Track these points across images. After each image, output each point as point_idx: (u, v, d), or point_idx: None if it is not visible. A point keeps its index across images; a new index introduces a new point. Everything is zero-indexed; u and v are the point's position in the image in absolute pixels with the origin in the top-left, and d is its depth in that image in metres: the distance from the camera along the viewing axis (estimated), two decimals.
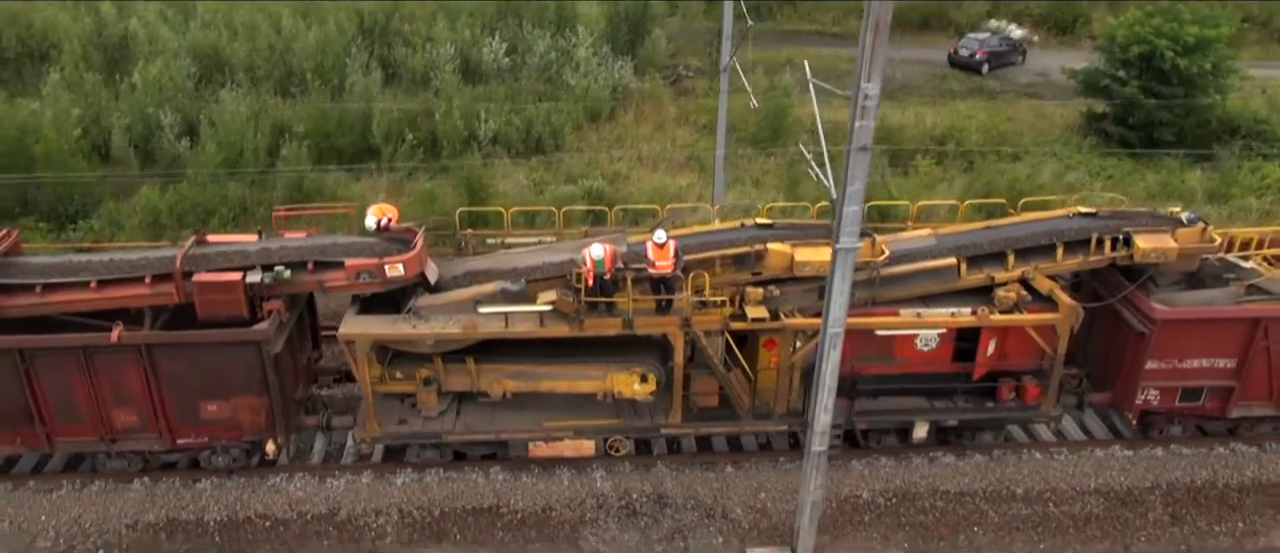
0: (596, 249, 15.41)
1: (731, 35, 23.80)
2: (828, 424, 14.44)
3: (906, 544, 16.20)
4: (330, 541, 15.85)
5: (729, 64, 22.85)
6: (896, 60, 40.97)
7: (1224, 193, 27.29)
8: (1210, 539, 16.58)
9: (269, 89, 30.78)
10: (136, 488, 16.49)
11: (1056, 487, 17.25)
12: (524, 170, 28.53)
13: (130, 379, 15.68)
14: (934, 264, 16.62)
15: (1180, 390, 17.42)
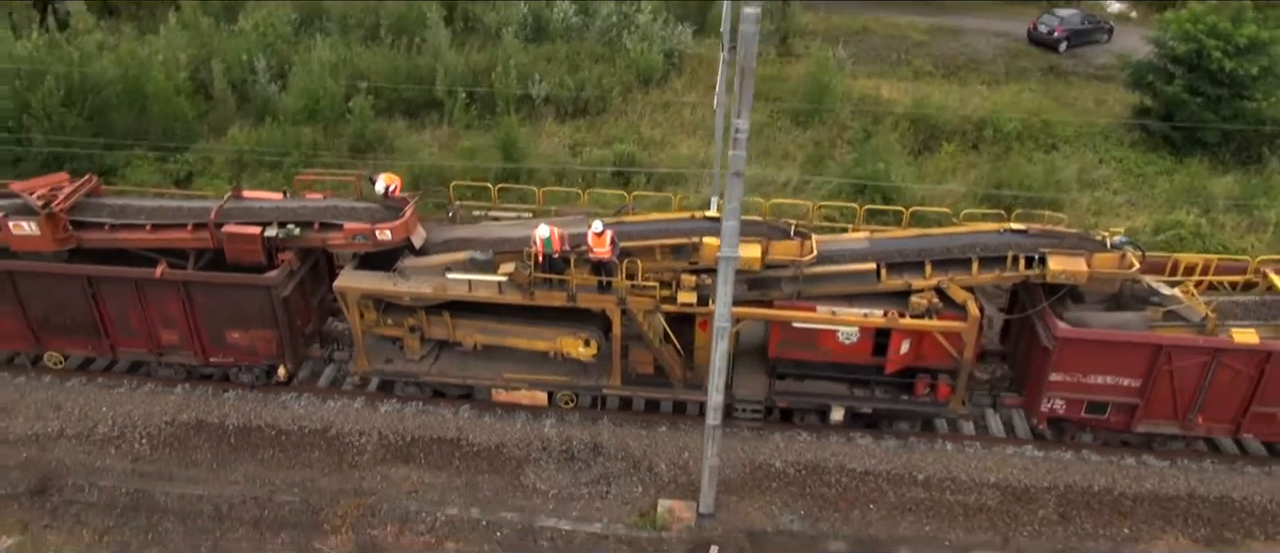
0: (543, 230, 17.92)
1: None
2: (720, 403, 16.72)
3: (803, 512, 18.36)
4: (320, 452, 19.25)
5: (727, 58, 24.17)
6: (970, 32, 41.08)
7: (1250, 202, 27.17)
8: (1090, 541, 18.03)
9: (358, 38, 34.10)
10: (177, 393, 20.29)
11: (957, 477, 18.95)
12: (569, 130, 31.00)
13: (172, 307, 19.33)
14: (855, 268, 18.34)
15: (1085, 403, 18.70)
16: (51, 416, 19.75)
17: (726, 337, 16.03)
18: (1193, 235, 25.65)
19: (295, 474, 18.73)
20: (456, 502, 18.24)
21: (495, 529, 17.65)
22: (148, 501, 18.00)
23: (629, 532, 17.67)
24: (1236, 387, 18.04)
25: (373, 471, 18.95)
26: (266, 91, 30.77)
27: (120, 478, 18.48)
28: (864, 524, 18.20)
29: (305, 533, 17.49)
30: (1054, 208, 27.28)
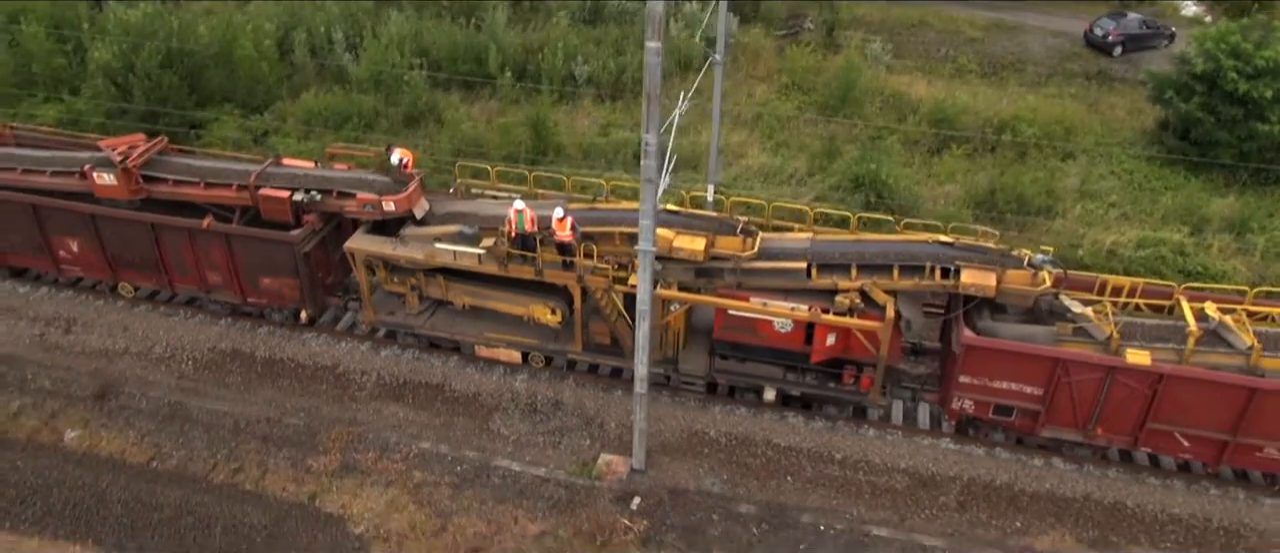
0: (518, 205, 20.73)
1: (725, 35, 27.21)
2: (645, 376, 19.31)
3: (725, 476, 20.83)
4: (327, 385, 22.76)
5: (726, 58, 26.02)
6: (1030, 30, 41.44)
7: (1244, 224, 27.69)
8: (980, 529, 19.92)
9: (431, 13, 37.32)
10: (220, 324, 24.11)
11: (872, 460, 21.05)
12: (605, 112, 33.57)
13: (216, 253, 23.04)
14: (788, 266, 20.50)
15: (992, 405, 20.46)
16: (119, 334, 23.86)
17: (648, 318, 18.57)
18: (1174, 254, 26.46)
19: (304, 402, 22.27)
20: (430, 438, 21.44)
21: (457, 464, 20.78)
22: (183, 412, 21.84)
23: (568, 478, 20.53)
24: (1132, 403, 19.51)
25: (368, 405, 22.34)
26: (341, 60, 34.37)
27: (165, 391, 22.38)
28: (777, 493, 20.54)
29: (303, 451, 20.98)
30: (1046, 217, 28.61)
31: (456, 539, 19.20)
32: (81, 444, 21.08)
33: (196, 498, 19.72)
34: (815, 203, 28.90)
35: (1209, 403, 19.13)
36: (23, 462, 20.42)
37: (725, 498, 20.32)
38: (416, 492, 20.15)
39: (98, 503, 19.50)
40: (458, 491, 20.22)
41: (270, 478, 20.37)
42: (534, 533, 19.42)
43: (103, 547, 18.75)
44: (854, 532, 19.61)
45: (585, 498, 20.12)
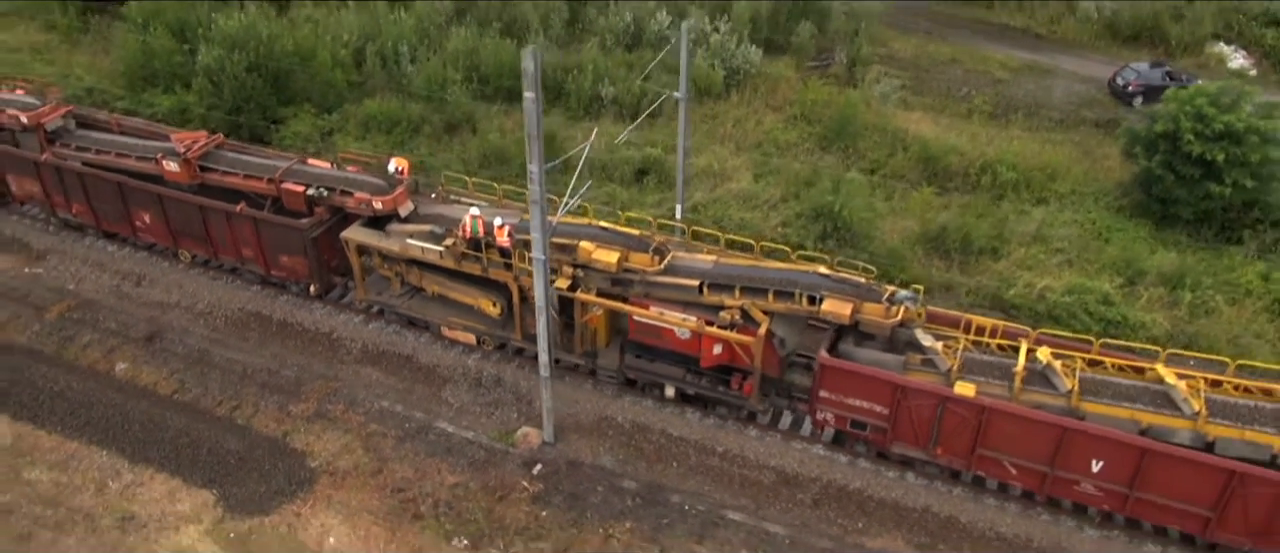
0: (468, 217, 25.05)
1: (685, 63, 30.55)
2: (547, 361, 23.29)
3: (620, 456, 24.58)
4: (321, 348, 27.76)
5: (687, 95, 29.26)
6: (1060, 73, 42.73)
7: (1179, 279, 29.12)
8: (824, 525, 22.96)
9: (493, 32, 42.07)
10: (250, 291, 29.53)
11: (747, 456, 24.35)
12: (622, 130, 37.44)
13: (247, 233, 28.38)
14: (683, 282, 24.02)
15: (849, 419, 23.43)
16: (174, 291, 29.62)
17: (546, 315, 22.56)
18: (1098, 303, 28.32)
19: (300, 359, 27.33)
20: (391, 398, 26.09)
21: (406, 422, 25.33)
22: (207, 358, 27.28)
23: (489, 442, 24.76)
24: (963, 430, 22.13)
25: (349, 366, 27.21)
26: (405, 71, 39.58)
27: (198, 340, 27.90)
28: (660, 475, 24.15)
29: (288, 398, 26.00)
30: (991, 257, 30.81)
31: (386, 481, 23.74)
32: (126, 375, 26.77)
33: (196, 425, 25.01)
34: (783, 226, 32.14)
35: (1029, 437, 21.57)
36: (78, 383, 26.25)
37: (614, 474, 24.08)
38: (367, 440, 24.82)
39: (123, 421, 25.03)
40: (400, 443, 24.77)
41: (258, 417, 25.47)
42: (449, 483, 23.74)
43: (121, 455, 24.20)
44: (712, 514, 23.03)
45: (498, 461, 24.31)
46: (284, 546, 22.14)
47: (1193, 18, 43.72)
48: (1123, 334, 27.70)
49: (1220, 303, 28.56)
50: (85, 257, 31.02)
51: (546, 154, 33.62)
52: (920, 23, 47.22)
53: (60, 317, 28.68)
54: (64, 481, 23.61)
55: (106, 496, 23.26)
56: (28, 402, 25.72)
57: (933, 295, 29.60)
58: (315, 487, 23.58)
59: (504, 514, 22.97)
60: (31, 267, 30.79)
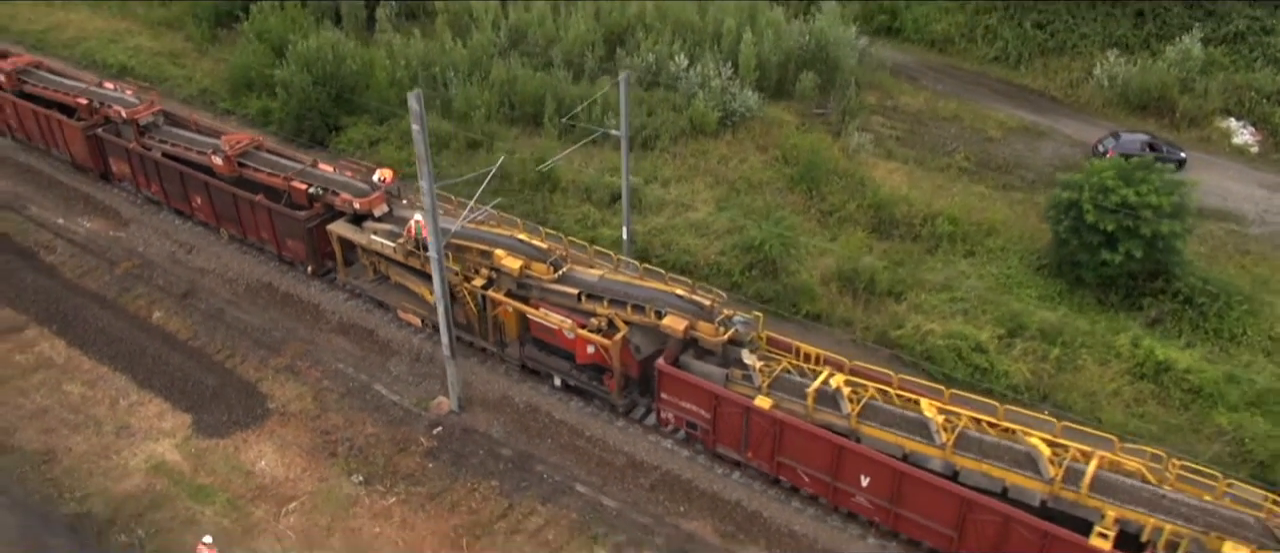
0: (413, 221, 30.77)
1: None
2: (448, 342, 28.69)
3: (508, 429, 29.63)
4: (309, 317, 34.18)
5: (628, 131, 33.83)
6: (1055, 136, 44.54)
7: (1056, 335, 31.45)
8: (652, 504, 27.21)
9: (534, 64, 47.86)
10: (268, 266, 36.32)
11: (608, 441, 28.92)
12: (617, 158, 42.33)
13: (264, 220, 35.17)
14: (565, 290, 28.89)
15: (684, 420, 27.65)
16: (212, 260, 36.86)
17: (443, 308, 27.96)
18: (971, 350, 31.17)
19: (289, 324, 33.82)
20: (346, 362, 32.15)
21: (351, 382, 31.30)
22: (222, 315, 34.20)
23: (409, 406, 30.38)
24: (765, 437, 26.00)
25: (324, 334, 33.48)
26: (447, 94, 45.95)
27: (219, 300, 34.93)
28: (533, 447, 29.06)
29: (271, 353, 32.48)
30: (895, 301, 33.97)
31: (320, 425, 29.74)
32: (158, 322, 34.02)
33: (194, 365, 31.85)
34: (720, 255, 36.28)
35: (815, 450, 25.27)
36: (122, 324, 33.65)
37: (497, 442, 29.20)
38: (318, 392, 30.94)
39: (142, 355, 32.14)
40: (341, 398, 30.76)
41: (243, 364, 32.07)
42: (367, 433, 29.50)
43: (133, 381, 31.24)
44: (563, 484, 27.78)
45: (411, 420, 29.90)
46: (227, 462, 28.46)
47: (1199, 91, 44.48)
48: (987, 380, 30.54)
49: (1088, 361, 30.78)
50: (156, 227, 38.78)
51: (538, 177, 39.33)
52: (942, 80, 49.69)
53: (125, 272, 36.38)
54: (89, 395, 30.86)
55: (115, 410, 30.32)
56: (82, 333, 33.30)
57: (832, 327, 33.24)
58: (266, 423, 29.85)
59: (399, 462, 28.51)
60: (116, 231, 38.81)
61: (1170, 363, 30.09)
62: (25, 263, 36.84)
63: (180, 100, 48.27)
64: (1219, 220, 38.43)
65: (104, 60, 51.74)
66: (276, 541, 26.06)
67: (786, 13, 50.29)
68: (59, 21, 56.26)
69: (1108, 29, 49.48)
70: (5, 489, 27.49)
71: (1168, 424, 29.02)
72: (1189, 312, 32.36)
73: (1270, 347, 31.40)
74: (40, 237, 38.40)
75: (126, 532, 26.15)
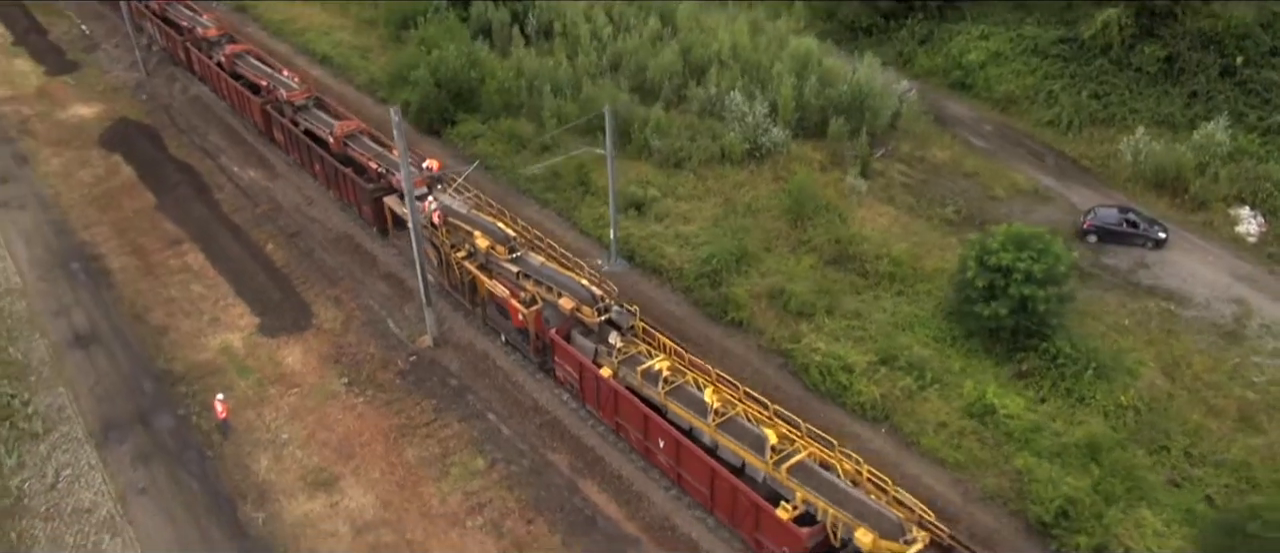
0: (432, 203, 40.90)
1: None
2: (426, 293, 38.66)
3: (462, 365, 39.08)
4: (365, 262, 45.28)
5: (613, 156, 41.93)
6: (1055, 201, 47.61)
7: (922, 369, 36.44)
8: (533, 438, 35.68)
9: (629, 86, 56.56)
10: (352, 223, 47.80)
11: (525, 388, 37.55)
12: (650, 171, 50.38)
13: (350, 188, 46.74)
14: (512, 268, 37.78)
15: (569, 381, 35.85)
16: (321, 213, 48.92)
17: (418, 261, 37.88)
18: (839, 368, 36.94)
19: (350, 266, 45.05)
20: (376, 300, 42.87)
21: (373, 315, 41.96)
22: (311, 254, 46.03)
23: (403, 338, 40.59)
24: (608, 400, 33.77)
25: (371, 277, 44.32)
26: (543, 104, 55.79)
27: (314, 243, 46.85)
28: (473, 382, 38.35)
29: (329, 285, 43.78)
30: (808, 322, 40.00)
31: (339, 341, 40.58)
32: (268, 252, 46.47)
33: (274, 283, 43.78)
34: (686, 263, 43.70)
35: (634, 414, 32.81)
36: (243, 249, 46.31)
37: (450, 374, 38.80)
38: (347, 318, 41.92)
39: (246, 272, 44.48)
40: (362, 325, 41.55)
41: (308, 290, 43.65)
42: (367, 353, 40.00)
43: (232, 288, 43.60)
44: (480, 412, 36.90)
45: (399, 348, 40.14)
46: (268, 355, 39.98)
47: (1211, 176, 45.89)
48: (844, 396, 36.32)
49: (934, 395, 35.71)
50: (294, 183, 51.62)
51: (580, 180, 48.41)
52: (989, 137, 53.17)
53: (262, 212, 49.35)
54: (204, 294, 43.60)
55: (215, 307, 42.82)
56: (216, 251, 46.33)
57: (746, 334, 39.93)
58: (305, 333, 41.18)
59: (377, 375, 38.82)
60: (267, 181, 52.05)
61: (995, 408, 34.51)
62: (200, 196, 50.77)
63: (355, 87, 61.47)
64: (1163, 299, 40.88)
65: (313, 49, 66.15)
66: (274, 410, 37.11)
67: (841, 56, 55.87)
68: (295, 14, 71.69)
69: (1160, 106, 51.15)
70: (129, 347, 40.46)
71: (974, 456, 33.63)
72: (1053, 370, 36.16)
73: (1110, 411, 34.75)
74: (217, 179, 52.37)
75: (185, 385, 38.14)
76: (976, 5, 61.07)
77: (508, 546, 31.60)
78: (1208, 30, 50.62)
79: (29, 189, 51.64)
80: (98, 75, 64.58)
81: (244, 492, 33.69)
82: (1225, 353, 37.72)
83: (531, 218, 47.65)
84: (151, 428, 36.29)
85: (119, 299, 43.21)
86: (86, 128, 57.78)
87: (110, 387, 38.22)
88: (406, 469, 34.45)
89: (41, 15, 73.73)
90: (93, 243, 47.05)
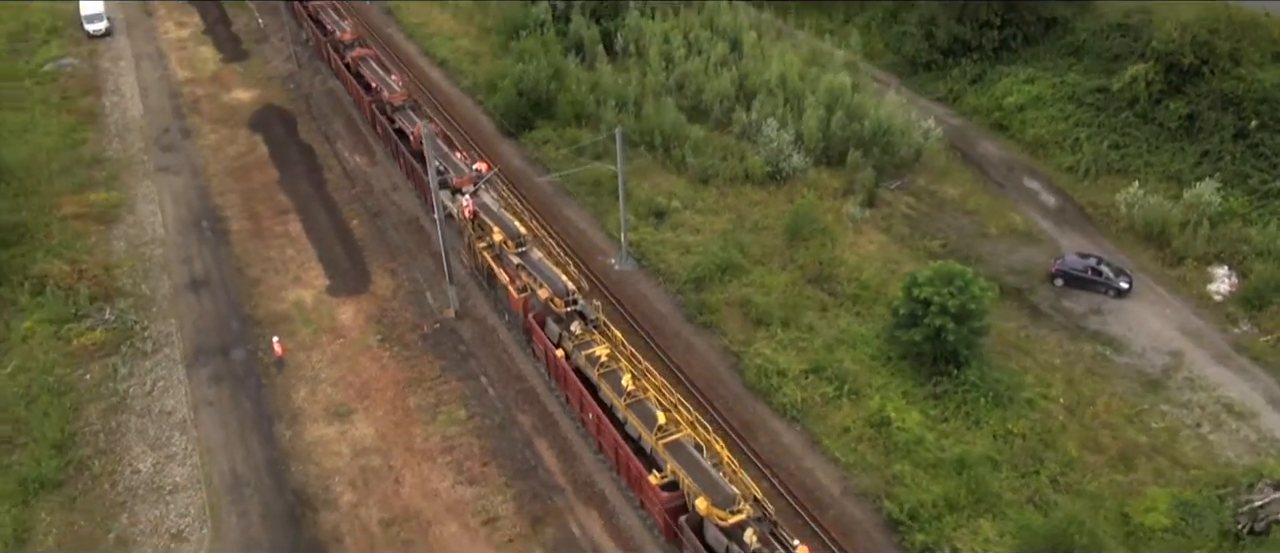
0: (463, 200, 49.42)
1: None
2: (449, 272, 47.26)
3: (473, 335, 47.39)
4: (423, 242, 54.36)
5: (624, 172, 48.82)
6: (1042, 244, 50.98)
7: (838, 380, 41.77)
8: (510, 400, 43.56)
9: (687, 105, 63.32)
10: (420, 207, 57.05)
11: (515, 359, 45.41)
12: (681, 185, 56.95)
13: (418, 180, 55.95)
14: (516, 261, 45.67)
15: (542, 358, 43.41)
16: (401, 198, 58.33)
17: (442, 246, 46.44)
18: (773, 372, 42.77)
19: (411, 244, 54.14)
20: (423, 275, 51.76)
21: (417, 286, 50.87)
22: (384, 232, 55.48)
23: (433, 308, 49.29)
24: (561, 376, 41.08)
25: (424, 255, 53.17)
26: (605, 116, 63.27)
27: (390, 223, 56.21)
28: (480, 350, 46.54)
29: (390, 258, 53.15)
30: (765, 330, 45.92)
31: (386, 305, 49.73)
32: (353, 227, 56.28)
33: (349, 253, 53.42)
34: (683, 268, 50.39)
35: (572, 389, 40.03)
36: (334, 222, 56.32)
37: (462, 340, 47.17)
38: (397, 287, 51.03)
39: (329, 241, 54.42)
40: (407, 294, 50.50)
41: (372, 261, 53.09)
42: (403, 316, 48.88)
43: (315, 253, 53.60)
44: (477, 373, 45.00)
45: (427, 316, 48.84)
46: (328, 310, 49.58)
47: (1190, 234, 48.09)
48: (772, 397, 42.18)
49: (846, 404, 41.07)
50: (387, 171, 61.45)
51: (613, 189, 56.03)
52: (1008, 175, 56.45)
53: (356, 194, 59.40)
54: (294, 256, 53.84)
55: (299, 268, 52.93)
56: (312, 222, 56.58)
57: (712, 333, 46.28)
58: (361, 297, 50.61)
59: (404, 336, 47.71)
60: (368, 167, 62.15)
61: (890, 420, 39.56)
62: (312, 175, 61.45)
63: (460, 90, 71.13)
64: (1102, 344, 44.29)
65: (434, 52, 76.38)
66: (320, 355, 46.60)
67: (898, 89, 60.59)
68: (429, 19, 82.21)
69: (1172, 162, 53.28)
70: (228, 293, 51.04)
71: (863, 459, 38.91)
72: (958, 394, 40.71)
73: (999, 435, 39.13)
74: (330, 161, 62.98)
75: (261, 327, 48.23)
76: (1031, 49, 63.84)
77: (463, 480, 39.54)
78: (1230, 91, 52.28)
79: (186, 159, 63.83)
80: (261, 65, 76.98)
81: (281, 414, 43.18)
82: (1138, 399, 41.02)
83: (569, 217, 55.72)
84: (228, 358, 46.48)
85: (230, 255, 54.04)
86: (241, 110, 69.91)
87: (207, 323, 48.82)
88: (405, 412, 43.01)
89: (231, 9, 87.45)
90: (222, 207, 58.36)
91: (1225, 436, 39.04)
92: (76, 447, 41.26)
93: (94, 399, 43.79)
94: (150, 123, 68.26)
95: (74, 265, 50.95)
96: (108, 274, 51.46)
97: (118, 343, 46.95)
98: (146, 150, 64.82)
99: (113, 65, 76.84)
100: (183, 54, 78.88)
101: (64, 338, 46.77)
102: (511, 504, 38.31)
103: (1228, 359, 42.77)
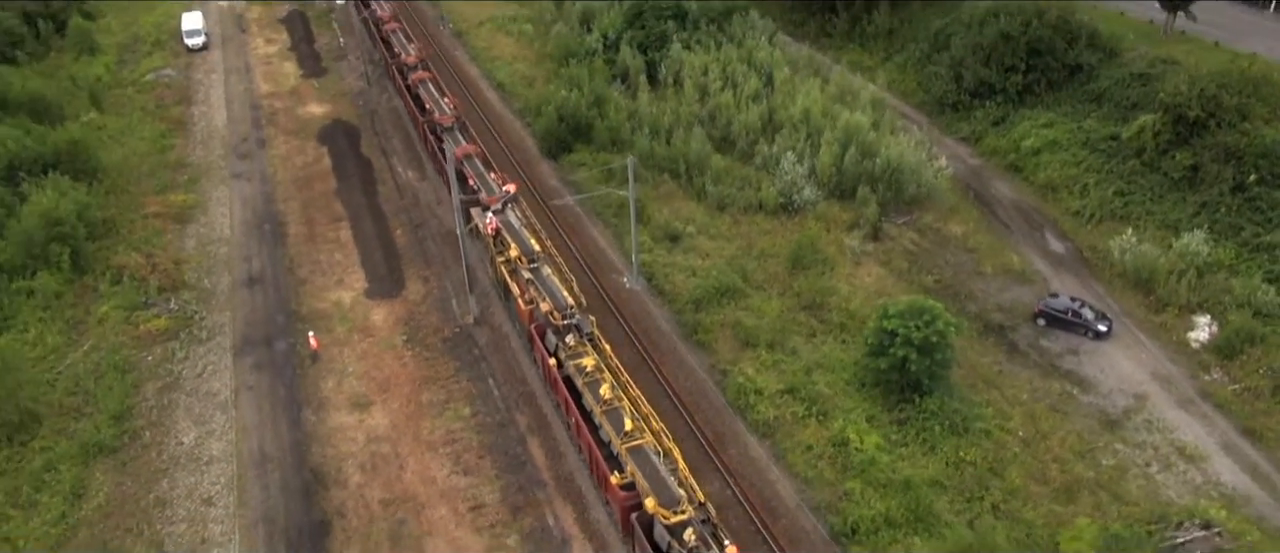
0: (488, 217, 54.19)
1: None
2: (468, 282, 52.06)
3: (487, 340, 52.00)
4: (455, 253, 59.44)
5: (635, 198, 52.80)
6: (1034, 282, 53.17)
7: (808, 402, 44.95)
8: (511, 400, 47.97)
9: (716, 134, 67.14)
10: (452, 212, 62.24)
11: (522, 365, 49.89)
12: (699, 211, 60.68)
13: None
14: (528, 276, 50.19)
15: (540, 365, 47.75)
16: (442, 211, 63.55)
17: (464, 259, 51.25)
18: (751, 390, 46.22)
19: (444, 255, 59.14)
20: (452, 283, 56.75)
21: (445, 294, 55.85)
22: (423, 243, 60.72)
23: (457, 315, 54.15)
24: (553, 382, 45.28)
25: (455, 265, 58.16)
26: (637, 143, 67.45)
27: (429, 234, 61.60)
28: (491, 353, 51.15)
29: (425, 266, 58.22)
30: (752, 350, 49.38)
31: (414, 309, 54.79)
32: (397, 236, 61.64)
33: (388, 260, 58.61)
34: (687, 289, 54.20)
35: (559, 394, 44.18)
36: (379, 230, 61.81)
37: (477, 345, 51.80)
38: (428, 293, 56.03)
39: (373, 247, 59.74)
40: (435, 301, 55.49)
41: (408, 268, 58.22)
42: (428, 320, 53.87)
43: (361, 258, 59.07)
44: (486, 375, 49.58)
45: (450, 321, 53.65)
46: (362, 312, 54.86)
47: (1176, 282, 49.70)
48: (749, 413, 45.62)
49: (813, 424, 44.22)
50: (434, 186, 66.76)
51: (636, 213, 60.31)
52: (1015, 216, 58.65)
53: (403, 205, 64.78)
54: (340, 260, 59.41)
55: (343, 271, 58.43)
56: (360, 230, 62.13)
57: (705, 352, 49.93)
58: (393, 300, 55.77)
59: (427, 338, 52.61)
60: (417, 182, 67.60)
61: (849, 441, 42.59)
62: (367, 187, 67.18)
63: (512, 112, 76.29)
64: (1072, 383, 46.47)
65: (493, 75, 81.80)
66: (350, 351, 51.83)
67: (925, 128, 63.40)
68: (493, 43, 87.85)
69: (1172, 211, 54.82)
70: (279, 290, 56.78)
71: (822, 475, 42.01)
72: (918, 420, 43.49)
73: (951, 461, 41.77)
74: (384, 175, 68.66)
75: (303, 323, 53.75)
76: (1054, 94, 65.78)
77: (459, 470, 44.03)
78: (1233, 145, 53.69)
79: (258, 166, 70.34)
80: (336, 81, 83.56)
81: (310, 401, 48.41)
82: (1094, 436, 43.19)
83: (593, 237, 59.96)
84: (271, 349, 52.06)
85: (285, 256, 59.90)
86: (312, 123, 76.36)
87: (257, 316, 54.59)
88: (417, 407, 47.79)
89: (316, 27, 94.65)
90: (283, 212, 64.44)
91: (1172, 476, 40.91)
92: (133, 419, 47.14)
93: (152, 378, 49.74)
94: (231, 132, 75.13)
95: (149, 259, 57.41)
96: (177, 268, 57.74)
97: (178, 330, 52.96)
98: (225, 157, 71.54)
99: (205, 77, 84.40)
100: (268, 69, 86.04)
101: (133, 323, 52.97)
102: (498, 494, 42.59)
103: (1191, 404, 44.46)
